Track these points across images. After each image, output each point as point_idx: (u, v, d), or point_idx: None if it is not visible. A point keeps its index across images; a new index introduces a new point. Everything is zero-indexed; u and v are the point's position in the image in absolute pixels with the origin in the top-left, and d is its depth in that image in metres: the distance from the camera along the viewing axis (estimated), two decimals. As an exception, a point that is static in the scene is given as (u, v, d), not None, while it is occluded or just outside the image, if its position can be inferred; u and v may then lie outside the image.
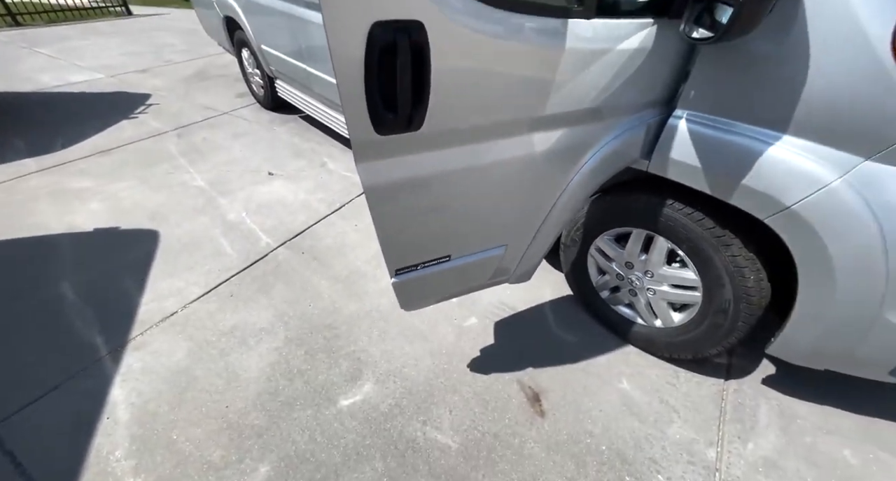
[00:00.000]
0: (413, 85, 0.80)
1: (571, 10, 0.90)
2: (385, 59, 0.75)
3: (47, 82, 4.66)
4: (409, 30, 0.74)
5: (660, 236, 1.43)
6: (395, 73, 0.77)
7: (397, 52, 0.74)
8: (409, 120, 0.85)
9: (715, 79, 1.10)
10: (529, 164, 1.14)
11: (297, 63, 2.99)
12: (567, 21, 0.91)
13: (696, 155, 1.17)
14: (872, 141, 0.95)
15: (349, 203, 2.76)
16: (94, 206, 2.66)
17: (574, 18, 0.91)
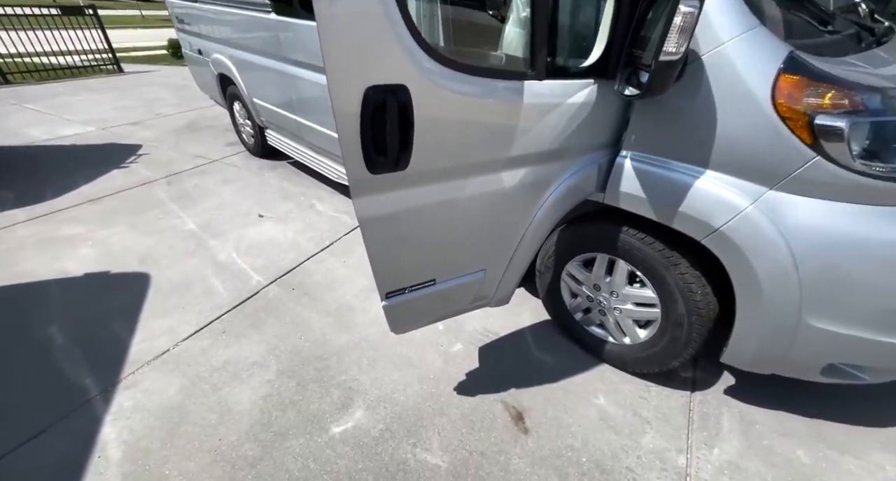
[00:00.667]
0: (399, 133, 0.99)
1: (526, 74, 1.13)
2: (376, 114, 0.94)
3: (37, 136, 4.79)
4: (396, 91, 0.93)
5: (620, 259, 1.62)
6: (385, 125, 0.96)
7: (386, 108, 0.93)
8: (397, 161, 1.03)
9: (648, 126, 1.34)
10: (501, 198, 1.33)
11: (288, 114, 3.23)
12: (523, 82, 1.13)
13: (641, 188, 1.38)
14: (771, 174, 1.18)
15: (337, 241, 2.90)
16: (84, 252, 2.72)
17: (529, 80, 1.13)
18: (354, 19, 0.84)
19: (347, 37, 0.84)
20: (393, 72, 0.92)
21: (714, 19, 1.14)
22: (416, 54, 0.93)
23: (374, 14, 0.85)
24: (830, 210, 1.16)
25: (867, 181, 1.11)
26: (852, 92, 1.08)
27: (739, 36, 1.12)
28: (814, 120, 1.09)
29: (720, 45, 1.14)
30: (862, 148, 1.10)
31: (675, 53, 1.00)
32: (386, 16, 0.86)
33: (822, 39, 1.30)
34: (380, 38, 0.87)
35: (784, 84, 1.10)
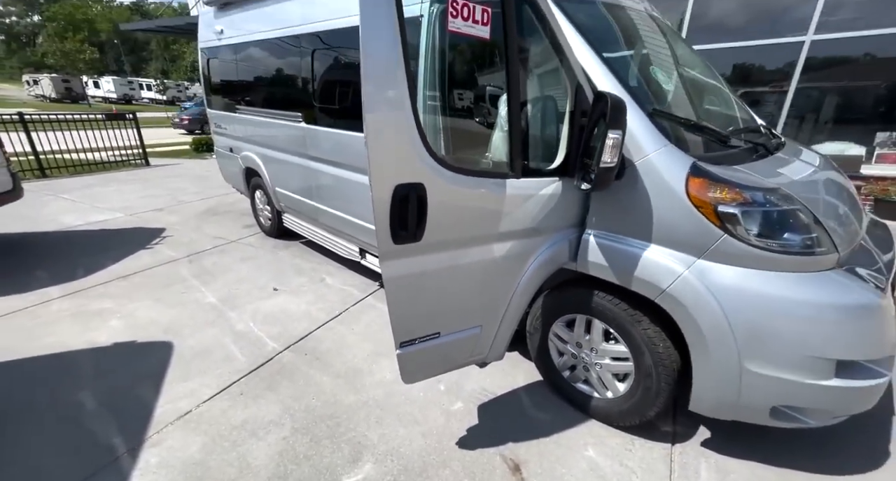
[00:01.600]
0: (417, 215, 1.37)
1: (508, 174, 1.56)
2: (401, 201, 1.33)
3: (70, 222, 5.24)
4: (416, 187, 1.34)
5: (595, 319, 1.91)
6: (407, 209, 1.34)
7: (409, 199, 1.33)
8: (415, 235, 1.40)
9: (604, 211, 1.76)
10: (493, 264, 1.68)
11: (306, 200, 3.72)
12: (506, 180, 1.56)
13: (604, 258, 1.76)
14: (697, 247, 1.56)
15: (346, 311, 3.17)
16: (113, 324, 2.96)
17: (510, 178, 1.56)
18: (389, 140, 1.27)
19: (384, 151, 1.27)
20: (413, 174, 1.33)
21: (640, 140, 1.62)
22: (429, 162, 1.35)
23: (401, 130, 1.27)
24: (745, 275, 1.52)
25: (764, 253, 1.49)
26: (741, 190, 1.51)
27: (657, 150, 1.59)
28: (717, 208, 1.50)
29: (645, 156, 1.61)
30: (755, 229, 1.50)
31: (611, 162, 1.45)
32: (409, 137, 1.29)
33: (723, 153, 1.78)
34: (405, 151, 1.30)
35: (692, 183, 1.53)
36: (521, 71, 1.48)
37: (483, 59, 2.09)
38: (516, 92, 1.47)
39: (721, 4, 5.92)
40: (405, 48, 1.19)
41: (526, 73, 1.63)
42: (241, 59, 4.06)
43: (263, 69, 3.83)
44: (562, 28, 1.57)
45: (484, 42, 1.40)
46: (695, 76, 2.43)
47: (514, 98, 1.48)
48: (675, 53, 2.41)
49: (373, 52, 1.16)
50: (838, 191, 1.95)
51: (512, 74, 1.44)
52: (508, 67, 1.43)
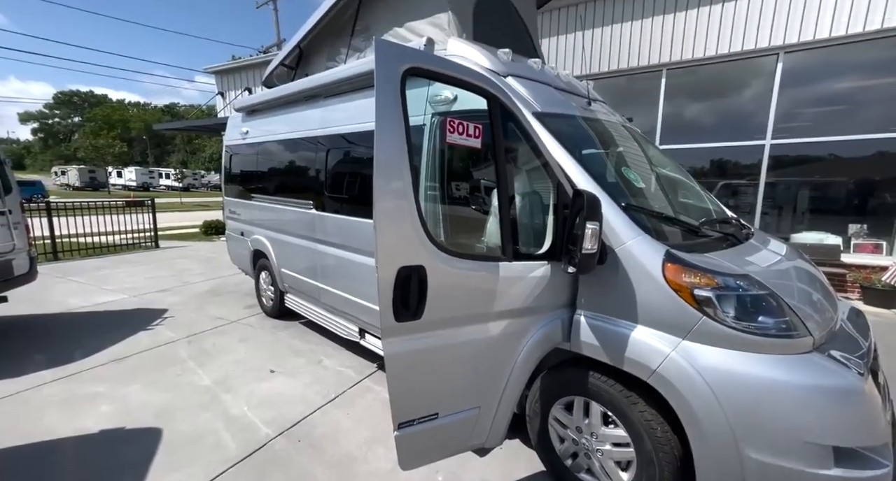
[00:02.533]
0: (418, 294, 1.49)
1: (500, 257, 1.72)
2: (404, 282, 1.46)
3: (75, 304, 5.32)
4: (418, 269, 1.49)
5: (593, 401, 1.92)
6: (409, 289, 1.47)
7: (411, 279, 1.47)
8: (415, 313, 1.51)
9: (592, 293, 1.89)
10: (489, 343, 1.76)
11: (310, 280, 3.86)
12: (499, 263, 1.71)
13: (595, 338, 1.84)
14: (680, 328, 1.65)
15: (342, 394, 3.10)
16: (103, 409, 2.89)
17: (502, 261, 1.72)
18: (395, 226, 1.44)
19: (390, 236, 1.44)
20: (415, 257, 1.49)
21: (617, 230, 1.81)
22: (429, 246, 1.52)
23: (405, 218, 1.46)
24: (729, 356, 1.58)
25: (743, 335, 1.58)
26: (713, 275, 1.66)
27: (633, 239, 1.78)
28: (693, 291, 1.63)
29: (623, 244, 1.79)
30: (731, 311, 1.61)
31: (591, 249, 1.63)
32: (412, 224, 1.47)
33: (695, 241, 1.97)
34: (409, 236, 1.47)
35: (668, 269, 1.69)
36: (508, 170, 1.73)
37: (476, 157, 2.40)
38: (505, 187, 1.71)
39: (689, 111, 6.74)
40: (410, 149, 1.44)
41: (513, 172, 1.89)
42: (261, 154, 4.54)
43: (280, 163, 4.27)
44: (542, 137, 1.87)
45: (472, 148, 1.67)
46: (667, 174, 2.75)
47: (503, 192, 1.70)
48: (647, 155, 2.76)
49: (384, 151, 1.40)
50: (808, 278, 2.08)
51: (501, 173, 1.69)
52: (497, 167, 1.68)
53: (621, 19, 6.53)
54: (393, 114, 1.41)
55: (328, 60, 4.05)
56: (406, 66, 1.43)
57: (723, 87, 6.34)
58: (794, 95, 5.73)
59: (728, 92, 6.35)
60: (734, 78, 6.21)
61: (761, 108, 5.85)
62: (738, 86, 6.25)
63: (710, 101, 6.58)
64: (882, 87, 5.31)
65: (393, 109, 1.41)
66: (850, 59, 5.43)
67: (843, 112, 5.58)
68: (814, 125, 5.69)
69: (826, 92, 5.67)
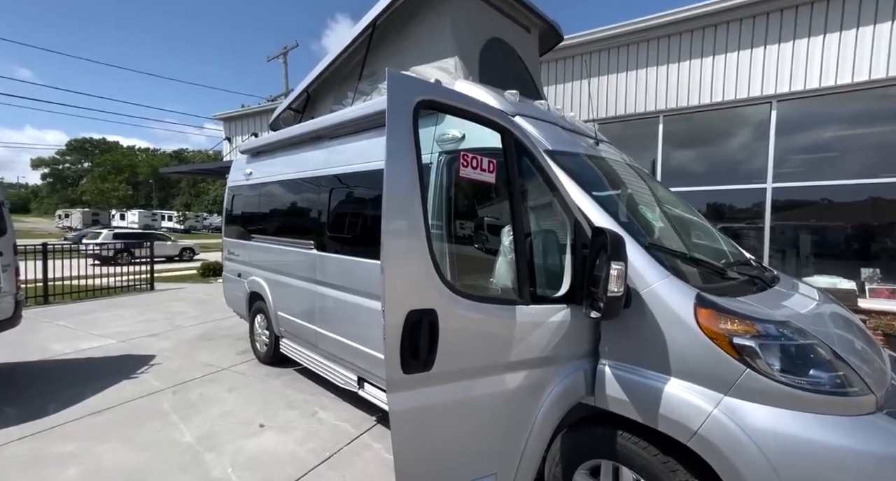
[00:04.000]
0: (429, 341, 1.34)
1: (517, 301, 1.58)
2: (413, 328, 1.31)
3: (58, 350, 5.03)
4: (429, 313, 1.34)
5: (623, 466, 1.68)
6: (419, 336, 1.32)
7: (421, 325, 1.32)
8: (426, 363, 1.34)
9: (617, 340, 1.72)
10: (506, 397, 1.57)
11: (307, 324, 3.66)
12: (515, 307, 1.57)
13: (623, 391, 1.65)
14: (721, 382, 1.47)
15: (338, 452, 2.81)
16: (70, 473, 2.59)
17: (519, 305, 1.57)
18: (404, 266, 1.32)
19: (399, 277, 1.31)
20: (426, 300, 1.35)
21: (641, 271, 1.68)
22: (442, 289, 1.38)
23: (416, 258, 1.33)
24: (781, 416, 1.38)
25: (794, 391, 1.39)
26: (752, 322, 1.50)
27: (659, 281, 1.64)
28: (733, 340, 1.47)
29: (649, 287, 1.65)
30: (777, 363, 1.44)
31: (617, 292, 1.49)
32: (424, 264, 1.34)
33: (723, 284, 1.84)
34: (419, 277, 1.34)
35: (701, 314, 1.54)
36: (523, 208, 1.64)
37: (485, 195, 2.32)
38: (520, 225, 1.60)
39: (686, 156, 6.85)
40: (422, 183, 1.35)
41: (528, 210, 1.79)
42: (264, 194, 4.50)
43: (282, 203, 4.22)
44: (556, 174, 1.79)
45: (485, 183, 1.58)
46: (679, 213, 2.67)
47: (518, 230, 1.60)
48: (655, 194, 2.69)
49: (394, 186, 1.31)
50: (847, 325, 1.92)
51: (516, 210, 1.59)
52: (512, 204, 1.59)
53: (618, 69, 6.82)
54: (404, 146, 1.33)
55: (334, 104, 4.13)
56: (419, 98, 1.38)
57: (721, 133, 6.48)
58: (791, 141, 5.83)
59: (726, 137, 6.49)
60: (733, 124, 6.37)
61: (760, 153, 5.93)
62: (737, 131, 6.40)
63: (708, 146, 6.70)
64: (876, 135, 5.42)
65: (404, 142, 1.33)
66: (841, 107, 5.59)
67: (836, 158, 5.65)
68: (810, 169, 5.75)
69: (819, 138, 5.78)
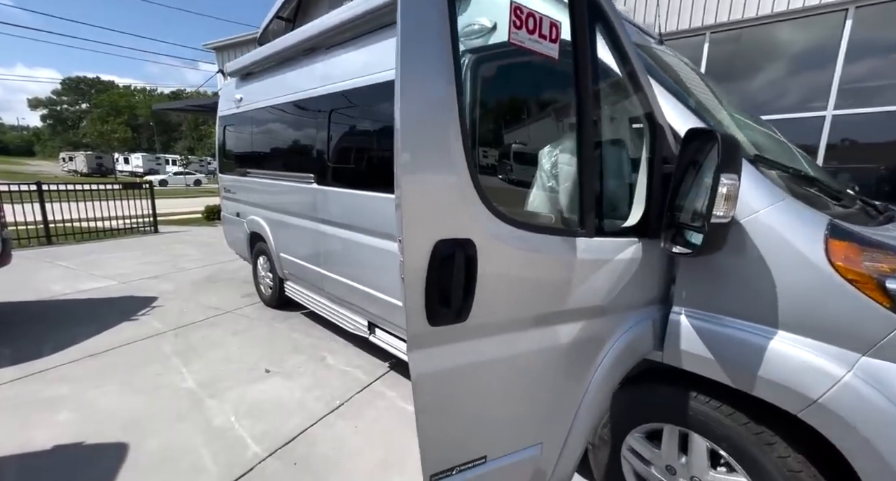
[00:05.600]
0: (464, 283, 0.95)
1: (577, 232, 1.17)
2: (444, 264, 0.92)
3: (58, 291, 4.84)
4: (464, 245, 0.94)
5: (695, 433, 1.37)
6: (451, 276, 0.93)
7: (454, 260, 0.92)
8: (459, 312, 0.97)
9: (700, 283, 1.31)
10: (557, 355, 1.21)
11: (312, 266, 3.34)
12: (576, 239, 1.16)
13: (706, 347, 1.27)
14: (858, 339, 1.07)
15: (348, 401, 2.60)
16: (62, 418, 2.41)
17: (580, 237, 1.16)
18: (430, 181, 0.90)
19: (422, 195, 0.89)
20: (460, 227, 0.94)
21: (746, 193, 1.22)
22: (483, 212, 0.97)
23: (447, 169, 0.91)
24: None
25: None
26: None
27: (772, 205, 1.20)
28: (885, 284, 1.05)
29: (755, 213, 1.21)
30: None
31: (725, 217, 1.06)
32: (458, 179, 0.92)
33: (846, 212, 1.39)
34: (452, 196, 0.92)
35: (835, 248, 1.11)
36: (593, 98, 1.16)
37: (524, 105, 1.82)
38: (589, 128, 1.14)
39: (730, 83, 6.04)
40: (458, 68, 0.88)
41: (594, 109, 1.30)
42: (256, 123, 3.99)
43: (276, 132, 3.72)
44: (634, 63, 1.28)
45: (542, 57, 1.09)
46: (761, 128, 2.14)
47: (586, 135, 1.14)
48: (731, 105, 2.15)
49: (417, 79, 0.86)
50: None
51: (585, 107, 1.12)
52: (580, 92, 1.11)
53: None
54: (433, 20, 0.85)
55: (330, 9, 3.46)
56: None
57: (774, 53, 5.63)
58: (864, 62, 5.01)
59: (780, 58, 5.64)
60: (790, 40, 5.50)
61: (821, 77, 5.15)
62: (793, 50, 5.54)
63: (756, 72, 5.87)
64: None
65: (434, 15, 0.85)
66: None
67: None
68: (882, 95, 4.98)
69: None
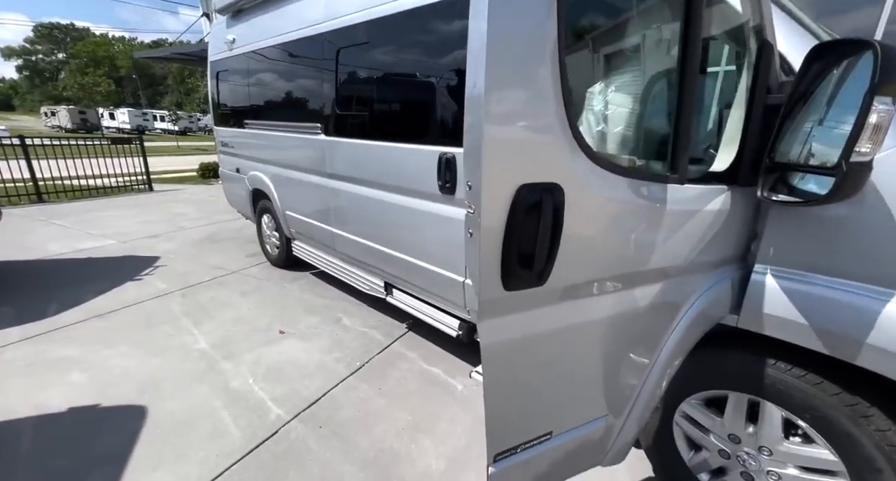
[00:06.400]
0: (550, 238, 0.79)
1: (669, 177, 0.98)
2: (527, 216, 0.75)
3: (55, 250, 4.68)
4: (551, 190, 0.76)
5: (769, 402, 1.25)
6: (535, 231, 0.76)
7: (541, 208, 0.75)
8: (541, 273, 0.80)
9: (794, 238, 1.13)
10: (630, 321, 1.08)
11: (322, 225, 3.15)
12: (666, 186, 0.97)
13: (798, 312, 1.12)
14: None
15: (369, 362, 2.52)
16: (74, 379, 2.32)
17: (672, 184, 0.98)
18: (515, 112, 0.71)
19: (507, 131, 0.70)
20: (548, 170, 0.76)
21: None
22: (574, 152, 0.78)
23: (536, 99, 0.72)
24: None
25: None
26: None
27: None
28: None
29: (890, 149, 1.00)
30: None
31: (868, 154, 0.86)
32: (551, 110, 0.73)
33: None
34: (541, 133, 0.73)
35: None
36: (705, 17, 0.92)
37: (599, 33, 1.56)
38: (696, 50, 0.91)
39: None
40: None
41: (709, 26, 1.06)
42: (253, 68, 3.64)
43: (278, 77, 3.39)
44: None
45: None
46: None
47: (691, 58, 0.91)
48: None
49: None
50: None
51: (693, 22, 0.89)
52: (690, 9, 0.88)
53: None
54: None
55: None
56: None
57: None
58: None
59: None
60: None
61: None
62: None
63: None
64: None
65: None
66: None
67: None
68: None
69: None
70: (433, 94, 2.07)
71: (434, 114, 2.13)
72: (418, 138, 2.16)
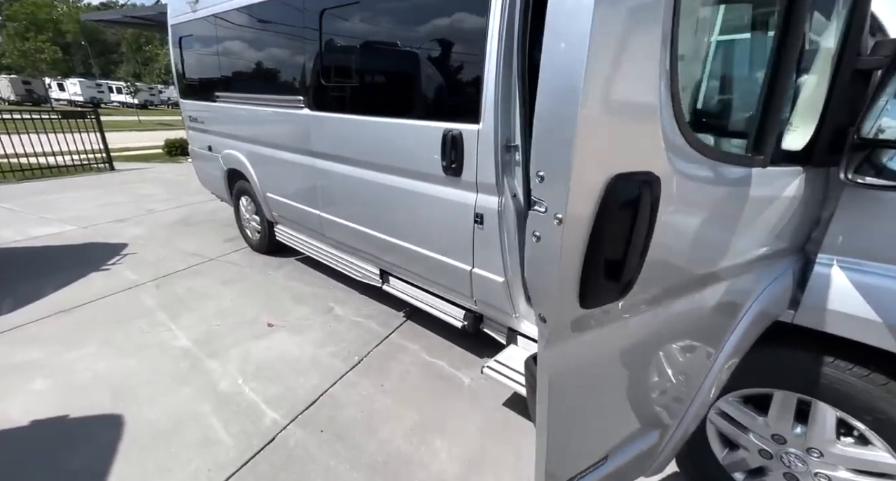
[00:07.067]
0: (644, 237, 0.63)
1: (754, 160, 0.82)
2: (622, 213, 0.58)
3: (6, 237, 4.25)
4: (648, 181, 0.59)
5: (823, 403, 1.16)
6: (631, 230, 0.59)
7: (638, 206, 0.58)
8: (627, 284, 0.65)
9: (871, 225, 1.01)
10: (692, 327, 0.96)
11: (308, 209, 2.91)
12: (751, 170, 0.82)
13: (868, 306, 1.01)
14: None
15: (368, 355, 2.37)
16: (37, 387, 2.08)
17: (756, 168, 0.82)
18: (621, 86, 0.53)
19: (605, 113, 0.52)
20: (643, 157, 0.59)
21: None
22: (674, 138, 0.61)
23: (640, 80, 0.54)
24: None
25: None
26: None
27: None
28: None
29: None
30: None
31: None
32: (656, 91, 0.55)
33: None
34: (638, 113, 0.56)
35: None
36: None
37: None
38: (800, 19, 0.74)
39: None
40: None
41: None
42: (221, 31, 3.25)
43: (249, 43, 3.03)
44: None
45: None
46: None
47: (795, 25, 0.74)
48: None
49: None
50: None
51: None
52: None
53: None
54: None
55: None
56: None
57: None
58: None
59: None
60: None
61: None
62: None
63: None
64: None
65: None
66: None
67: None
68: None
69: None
70: (440, 61, 1.84)
71: (438, 84, 1.91)
72: (419, 113, 1.94)
